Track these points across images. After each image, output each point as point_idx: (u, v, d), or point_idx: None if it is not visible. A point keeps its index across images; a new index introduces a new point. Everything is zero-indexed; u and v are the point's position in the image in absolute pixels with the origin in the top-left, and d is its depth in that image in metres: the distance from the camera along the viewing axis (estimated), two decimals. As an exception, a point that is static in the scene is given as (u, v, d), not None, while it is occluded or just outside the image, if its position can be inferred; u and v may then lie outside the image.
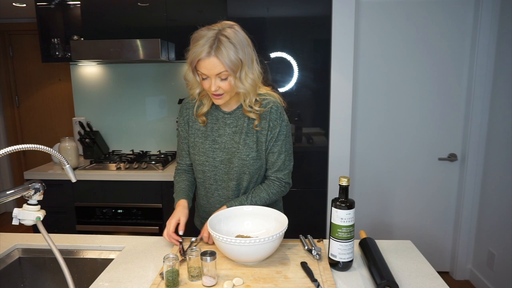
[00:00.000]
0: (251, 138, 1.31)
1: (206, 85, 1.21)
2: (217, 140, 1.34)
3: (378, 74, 2.56)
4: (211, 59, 1.15)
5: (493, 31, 2.38)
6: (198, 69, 1.20)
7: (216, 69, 1.16)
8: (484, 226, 2.52)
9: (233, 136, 1.33)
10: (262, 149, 1.33)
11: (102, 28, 2.59)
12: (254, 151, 1.31)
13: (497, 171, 2.39)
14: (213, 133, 1.35)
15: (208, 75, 1.18)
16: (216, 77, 1.18)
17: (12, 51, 3.86)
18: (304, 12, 2.29)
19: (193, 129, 1.38)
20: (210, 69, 1.16)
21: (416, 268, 1.15)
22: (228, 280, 1.05)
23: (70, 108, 3.54)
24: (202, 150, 1.35)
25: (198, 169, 1.38)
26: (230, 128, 1.33)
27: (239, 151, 1.31)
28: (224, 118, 1.34)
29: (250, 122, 1.32)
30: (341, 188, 1.10)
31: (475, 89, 2.45)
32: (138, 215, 2.45)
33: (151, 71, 2.89)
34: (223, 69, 1.16)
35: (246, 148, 1.31)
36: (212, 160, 1.34)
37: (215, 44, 1.14)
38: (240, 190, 1.36)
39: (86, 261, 1.32)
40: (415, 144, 2.62)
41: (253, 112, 1.29)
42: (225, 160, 1.33)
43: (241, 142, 1.31)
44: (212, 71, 1.17)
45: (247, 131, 1.31)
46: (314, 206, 2.48)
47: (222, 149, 1.33)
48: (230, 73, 1.17)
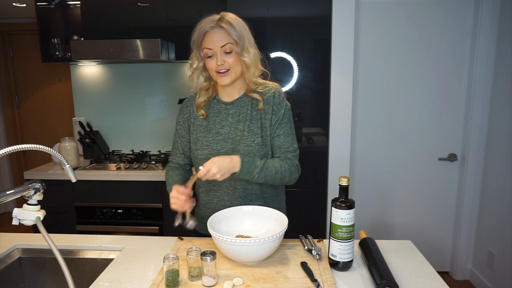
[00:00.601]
0: (255, 124, 1.32)
1: (212, 63, 1.26)
2: (220, 131, 1.34)
3: (378, 74, 2.56)
4: (217, 30, 1.23)
5: (493, 31, 2.38)
6: (203, 46, 1.26)
7: (221, 40, 1.23)
8: (484, 226, 2.52)
9: (237, 125, 1.33)
10: (266, 135, 1.33)
11: (102, 28, 2.59)
12: (259, 137, 1.32)
13: (497, 171, 2.39)
14: (215, 125, 1.35)
15: (214, 49, 1.23)
16: (221, 50, 1.23)
17: (12, 51, 3.86)
18: (304, 12, 2.29)
19: (195, 126, 1.38)
20: (216, 41, 1.23)
21: (416, 268, 1.15)
22: (228, 280, 1.05)
23: (70, 108, 3.53)
24: (205, 144, 1.35)
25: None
26: (233, 117, 1.34)
27: (244, 138, 1.31)
28: (226, 109, 1.36)
29: (254, 109, 1.33)
30: (341, 188, 1.10)
31: (475, 89, 2.45)
32: (138, 215, 2.45)
33: (151, 71, 2.89)
34: (229, 40, 1.23)
35: (251, 134, 1.31)
36: (216, 152, 1.33)
37: (220, 19, 1.24)
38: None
39: (86, 261, 1.32)
40: (415, 144, 2.62)
41: (257, 93, 1.33)
42: (230, 150, 1.32)
43: (246, 129, 1.32)
44: (217, 43, 1.23)
45: (250, 118, 1.33)
46: (314, 206, 2.48)
47: (226, 140, 1.33)
48: (234, 44, 1.24)
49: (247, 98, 1.36)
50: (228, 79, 1.28)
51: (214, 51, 1.24)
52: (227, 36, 1.23)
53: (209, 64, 1.27)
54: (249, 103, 1.35)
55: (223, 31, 1.23)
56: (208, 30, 1.23)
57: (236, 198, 1.36)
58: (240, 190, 1.35)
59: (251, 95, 1.33)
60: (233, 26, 1.23)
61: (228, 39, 1.23)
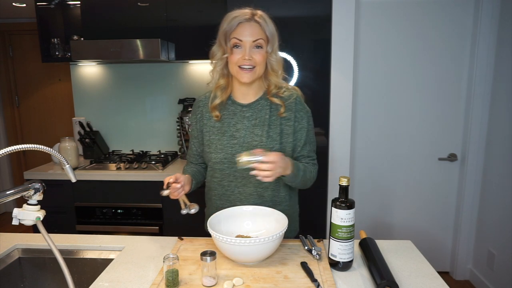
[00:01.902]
0: (274, 130, 1.29)
1: (237, 55, 1.21)
2: (235, 135, 1.30)
3: (378, 74, 2.56)
4: (252, 24, 1.20)
5: (493, 31, 2.38)
6: (233, 36, 1.21)
7: (255, 34, 1.20)
8: (484, 226, 2.52)
9: (253, 129, 1.29)
10: (287, 141, 1.30)
11: (102, 28, 2.59)
12: (278, 144, 1.28)
13: (497, 171, 2.39)
14: (230, 128, 1.31)
15: (244, 41, 1.20)
16: (251, 45, 1.20)
17: (12, 51, 3.86)
18: (304, 12, 2.29)
19: (208, 127, 1.34)
20: (249, 34, 1.19)
21: (416, 268, 1.15)
22: (228, 280, 1.05)
23: (70, 108, 3.53)
24: (219, 147, 1.30)
25: (216, 167, 1.33)
26: (249, 121, 1.30)
27: (262, 143, 1.27)
28: (242, 112, 1.31)
29: (273, 114, 1.30)
30: (341, 188, 1.09)
31: (475, 89, 2.45)
32: (138, 215, 2.45)
33: (151, 71, 2.89)
34: (262, 35, 1.20)
35: (270, 140, 1.28)
36: (231, 156, 1.28)
37: (254, 14, 1.21)
38: (264, 185, 1.31)
39: (86, 261, 1.32)
40: (415, 144, 2.62)
41: (278, 98, 1.29)
42: None
43: (264, 134, 1.28)
44: (250, 36, 1.19)
45: (269, 123, 1.29)
46: (314, 206, 2.47)
47: (241, 144, 1.29)
48: (265, 42, 1.21)
49: (265, 102, 1.32)
50: (250, 76, 1.23)
51: (244, 44, 1.20)
52: (261, 32, 1.21)
53: (234, 56, 1.22)
54: (267, 107, 1.30)
55: (258, 26, 1.20)
56: (242, 21, 1.20)
57: (252, 204, 1.32)
58: (256, 197, 1.32)
59: (272, 99, 1.29)
60: (268, 24, 1.22)
61: (261, 34, 1.21)
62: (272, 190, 1.33)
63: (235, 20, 1.20)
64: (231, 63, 1.24)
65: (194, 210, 1.27)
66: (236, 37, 1.20)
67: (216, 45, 1.28)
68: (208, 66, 2.81)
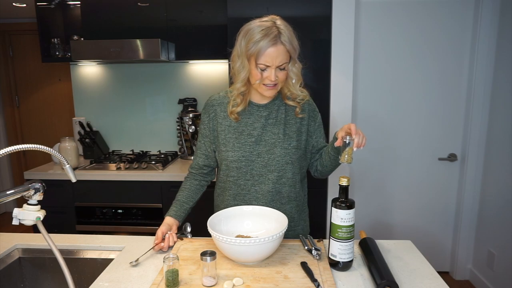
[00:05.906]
0: (291, 129, 1.34)
1: (264, 75, 1.22)
2: (252, 133, 1.32)
3: (378, 74, 2.56)
4: (279, 48, 1.19)
5: (493, 31, 2.38)
6: (260, 62, 1.20)
7: (280, 57, 1.20)
8: (484, 226, 2.52)
9: (271, 127, 1.33)
10: (302, 139, 1.36)
11: (102, 28, 2.59)
12: (294, 141, 1.33)
13: (497, 171, 2.39)
14: (247, 127, 1.33)
15: (271, 65, 1.20)
16: (277, 67, 1.21)
17: (12, 51, 3.86)
18: (304, 12, 2.28)
19: (223, 126, 1.34)
20: (275, 57, 1.19)
21: (416, 268, 1.15)
22: (228, 280, 1.05)
23: (70, 108, 3.53)
24: (237, 146, 1.31)
25: (232, 166, 1.32)
26: (266, 120, 1.33)
27: (280, 141, 1.32)
28: (259, 111, 1.34)
29: (288, 114, 1.35)
30: (341, 188, 1.10)
31: (475, 89, 2.45)
32: (138, 215, 2.45)
33: (151, 71, 2.89)
34: (286, 59, 1.22)
35: (287, 138, 1.32)
36: (249, 154, 1.31)
37: (279, 33, 1.19)
38: (281, 181, 1.33)
39: (86, 261, 1.32)
40: (415, 144, 2.62)
41: (292, 100, 1.34)
42: (263, 153, 1.31)
43: (281, 132, 1.32)
44: (276, 59, 1.20)
45: (285, 122, 1.34)
46: (314, 206, 2.47)
47: (259, 142, 1.32)
48: (288, 60, 1.23)
49: (280, 102, 1.36)
50: (274, 92, 1.28)
51: (270, 67, 1.21)
52: (286, 55, 1.21)
53: (258, 75, 1.22)
54: (282, 106, 1.36)
55: (283, 49, 1.20)
56: (269, 47, 1.18)
57: (269, 202, 1.32)
58: (273, 193, 1.33)
59: (287, 102, 1.35)
60: (291, 43, 1.21)
61: (286, 58, 1.22)
62: (289, 186, 1.35)
63: (262, 45, 1.17)
64: (254, 78, 1.24)
65: (189, 227, 1.37)
66: (263, 64, 1.20)
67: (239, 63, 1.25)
68: (208, 66, 2.83)
